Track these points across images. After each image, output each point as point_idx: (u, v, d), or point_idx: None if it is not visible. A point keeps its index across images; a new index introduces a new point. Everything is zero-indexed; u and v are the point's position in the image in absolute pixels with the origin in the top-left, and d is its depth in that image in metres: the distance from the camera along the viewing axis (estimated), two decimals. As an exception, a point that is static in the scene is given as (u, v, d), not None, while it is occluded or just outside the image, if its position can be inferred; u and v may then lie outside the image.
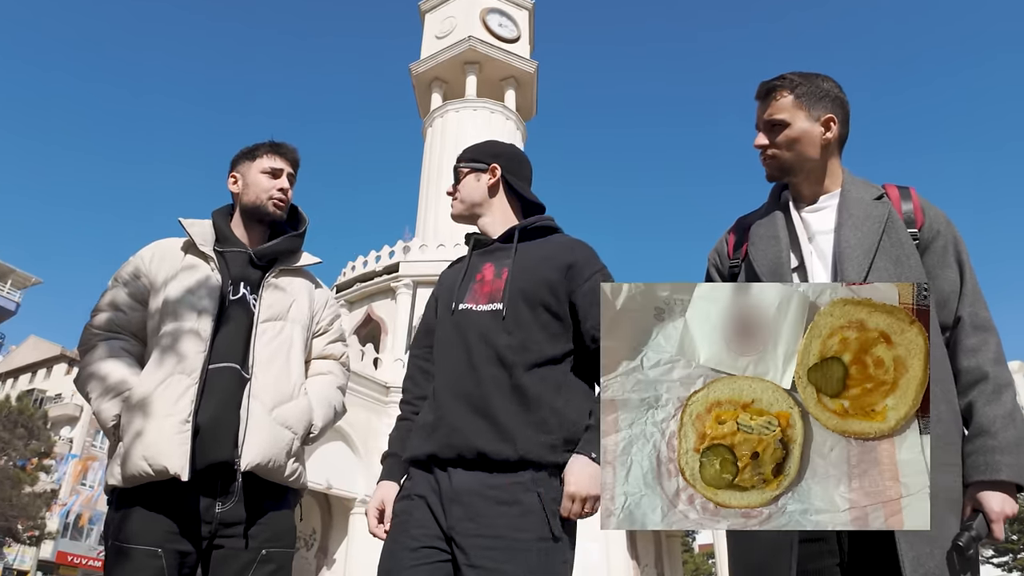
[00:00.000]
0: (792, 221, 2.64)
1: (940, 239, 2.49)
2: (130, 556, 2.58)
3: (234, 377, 2.83)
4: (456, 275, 2.82)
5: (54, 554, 50.27)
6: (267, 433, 2.77)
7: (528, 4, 36.40)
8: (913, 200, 2.54)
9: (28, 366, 63.68)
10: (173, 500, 2.64)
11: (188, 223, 3.09)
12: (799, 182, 2.67)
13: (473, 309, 2.65)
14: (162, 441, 2.61)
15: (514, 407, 2.47)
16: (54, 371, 61.58)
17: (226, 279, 2.98)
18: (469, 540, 2.32)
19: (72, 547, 51.68)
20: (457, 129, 31.04)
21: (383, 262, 27.60)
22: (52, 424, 50.13)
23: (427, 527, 2.40)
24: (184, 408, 2.68)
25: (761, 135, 2.65)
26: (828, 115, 2.58)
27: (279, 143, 3.26)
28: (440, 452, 2.46)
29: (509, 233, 2.80)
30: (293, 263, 3.20)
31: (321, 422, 3.00)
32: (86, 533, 52.01)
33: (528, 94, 34.74)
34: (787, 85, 2.60)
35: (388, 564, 2.41)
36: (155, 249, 3.11)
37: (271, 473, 2.78)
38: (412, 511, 2.46)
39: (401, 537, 2.43)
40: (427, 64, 33.89)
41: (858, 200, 2.53)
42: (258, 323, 2.95)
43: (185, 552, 2.63)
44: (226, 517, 2.69)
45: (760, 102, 2.66)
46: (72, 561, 51.38)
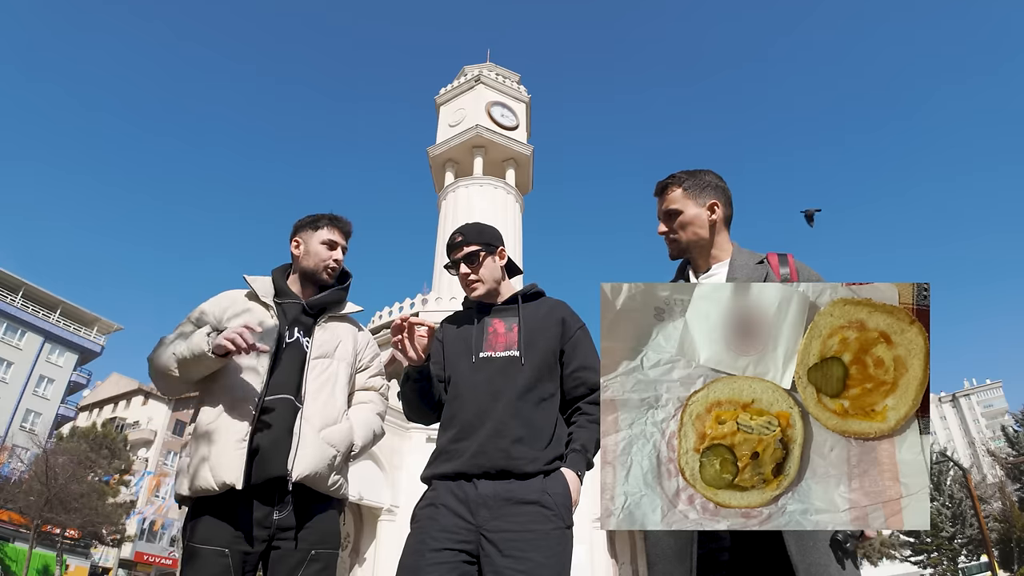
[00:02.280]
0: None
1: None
2: (201, 555, 2.63)
3: (289, 406, 2.87)
4: (464, 329, 2.90)
5: (132, 554, 50.82)
6: (314, 449, 2.81)
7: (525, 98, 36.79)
8: (790, 264, 2.56)
9: (111, 398, 63.90)
10: (238, 509, 2.69)
11: (251, 279, 3.18)
12: (695, 256, 2.72)
13: (493, 356, 2.74)
14: (222, 458, 2.68)
15: (526, 433, 2.57)
16: (132, 402, 61.73)
17: (283, 324, 3.04)
18: (499, 535, 2.37)
19: (147, 548, 52.17)
20: (467, 202, 31.15)
21: (405, 312, 27.38)
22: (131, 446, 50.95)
23: (451, 531, 2.42)
24: (241, 430, 2.74)
25: (662, 224, 2.76)
26: (712, 200, 2.69)
27: (338, 217, 3.31)
28: (468, 470, 2.52)
29: (512, 297, 2.93)
30: (340, 311, 3.26)
31: (361, 442, 3.05)
32: (159, 536, 52.44)
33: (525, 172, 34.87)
34: (676, 182, 2.74)
35: (412, 559, 2.40)
36: (223, 297, 3.15)
37: (317, 483, 2.81)
38: (438, 517, 2.47)
39: (426, 538, 2.43)
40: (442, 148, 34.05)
41: (742, 266, 2.59)
42: (310, 360, 3.00)
43: (247, 552, 2.66)
44: (282, 523, 2.73)
45: (658, 197, 2.80)
46: (147, 560, 51.93)
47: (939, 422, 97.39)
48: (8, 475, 37.45)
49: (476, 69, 37.05)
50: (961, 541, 42.79)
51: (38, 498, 33.32)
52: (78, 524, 36.49)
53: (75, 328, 55.39)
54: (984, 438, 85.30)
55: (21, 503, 34.77)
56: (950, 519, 43.22)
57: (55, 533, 38.33)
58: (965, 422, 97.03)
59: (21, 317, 51.06)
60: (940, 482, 44.63)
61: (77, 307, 56.42)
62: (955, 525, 42.87)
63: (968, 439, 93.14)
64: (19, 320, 50.90)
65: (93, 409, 63.58)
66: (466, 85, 35.86)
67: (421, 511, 2.57)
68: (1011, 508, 40.52)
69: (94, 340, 56.38)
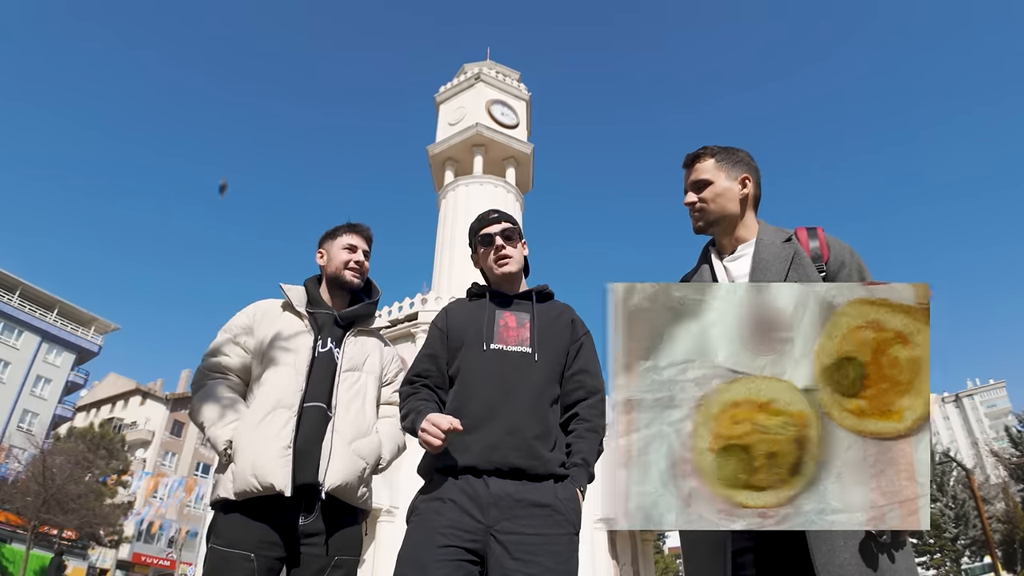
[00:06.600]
0: (715, 270, 2.65)
1: (845, 268, 2.45)
2: (228, 559, 2.67)
3: (321, 415, 2.93)
4: (473, 318, 2.85)
5: (130, 555, 50.96)
6: (346, 461, 2.87)
7: (525, 96, 36.70)
8: (819, 238, 2.52)
9: (108, 398, 63.96)
10: (267, 514, 2.73)
11: (287, 288, 3.24)
12: (721, 233, 2.68)
13: (504, 349, 2.71)
14: (270, 463, 2.73)
15: (541, 431, 2.55)
16: (130, 402, 61.76)
17: (316, 334, 3.11)
18: (509, 537, 2.36)
19: (145, 549, 52.24)
20: (467, 201, 31.05)
21: (404, 311, 27.38)
22: (128, 447, 51.02)
23: (459, 528, 2.39)
24: (286, 436, 2.80)
25: (690, 193, 2.70)
26: (744, 174, 2.66)
27: (356, 224, 3.43)
28: (479, 464, 2.48)
29: (525, 293, 2.93)
30: (369, 325, 3.35)
31: (389, 455, 3.10)
32: (156, 538, 52.05)
33: (525, 171, 34.81)
34: (708, 152, 2.70)
35: (418, 552, 2.37)
36: (259, 306, 3.25)
37: (346, 494, 2.87)
38: (444, 512, 2.43)
39: (432, 533, 2.40)
40: (441, 146, 33.96)
41: (769, 245, 2.53)
42: (340, 372, 3.08)
43: (274, 557, 2.70)
44: (308, 529, 2.77)
45: (687, 168, 2.74)
46: (145, 561, 52.07)
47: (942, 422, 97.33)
48: (5, 476, 37.49)
49: (476, 67, 36.94)
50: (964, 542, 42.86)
51: (35, 499, 33.25)
52: (75, 525, 36.50)
53: (72, 328, 55.49)
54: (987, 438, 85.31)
55: (18, 504, 34.78)
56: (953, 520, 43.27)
57: (52, 534, 38.33)
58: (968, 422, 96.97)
59: (18, 317, 51.13)
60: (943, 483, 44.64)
61: (75, 307, 56.55)
62: (958, 526, 42.94)
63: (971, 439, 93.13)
64: (16, 320, 50.97)
65: (90, 409, 63.78)
66: (466, 83, 35.81)
67: (424, 504, 2.53)
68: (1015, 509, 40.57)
69: (92, 340, 56.46)
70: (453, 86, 36.47)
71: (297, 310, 3.16)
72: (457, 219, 30.27)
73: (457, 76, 37.58)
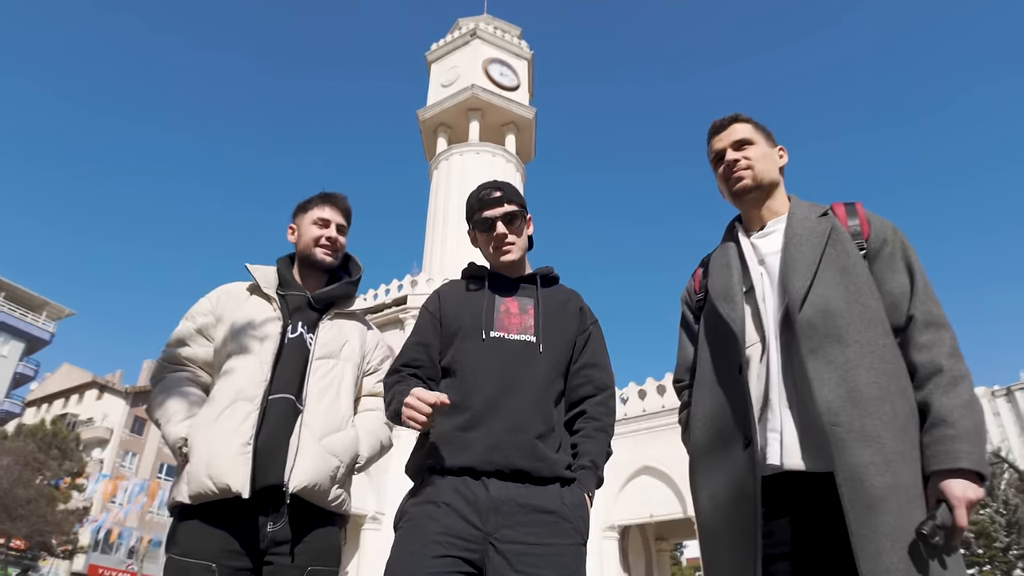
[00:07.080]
0: (742, 248, 2.66)
1: (887, 247, 2.47)
2: (187, 570, 2.62)
3: (289, 407, 2.88)
4: (470, 303, 2.82)
5: (86, 566, 50.59)
6: (315, 460, 2.81)
7: (527, 55, 36.62)
8: (859, 214, 2.54)
9: (61, 392, 63.95)
10: (229, 518, 2.68)
11: (254, 268, 3.21)
12: (754, 203, 2.71)
13: (506, 337, 2.69)
14: (225, 461, 2.68)
15: (546, 430, 2.54)
16: (86, 396, 61.80)
17: (286, 318, 3.07)
18: (511, 546, 2.32)
19: (103, 560, 52.06)
20: (462, 171, 31.03)
21: (392, 295, 27.39)
22: (84, 446, 51.00)
23: (456, 536, 2.35)
24: (246, 432, 2.75)
25: (731, 151, 2.71)
26: (780, 146, 2.77)
27: (330, 194, 3.37)
28: (478, 465, 2.45)
29: (529, 276, 2.90)
30: (347, 307, 3.29)
31: (367, 453, 3.05)
32: (115, 547, 52.21)
33: (527, 138, 34.80)
34: (744, 117, 2.76)
35: (410, 562, 2.33)
36: (223, 291, 3.23)
37: (316, 496, 2.81)
38: (439, 517, 2.39)
39: (425, 540, 2.36)
40: (433, 111, 33.96)
41: (803, 219, 2.55)
42: (313, 360, 3.02)
43: (238, 568, 2.65)
44: (276, 536, 2.71)
45: (720, 133, 2.77)
46: (102, 573, 51.70)
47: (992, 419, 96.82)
48: (-55, 479, 37.47)
49: (472, 22, 36.91)
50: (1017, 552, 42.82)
51: (-21, 504, 33.29)
52: (24, 533, 36.55)
53: (21, 313, 55.22)
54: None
55: (-39, 510, 34.73)
56: (1004, 527, 43.18)
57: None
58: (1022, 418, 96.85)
59: (-41, 301, 51.02)
60: (994, 486, 44.36)
61: (23, 289, 56.39)
62: (1010, 534, 42.83)
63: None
64: (-43, 305, 50.86)
65: (42, 404, 63.94)
66: (460, 40, 35.77)
67: (415, 508, 2.49)
68: (1072, 515, 40.48)
69: (43, 327, 56.26)
70: (446, 43, 36.45)
71: (265, 293, 3.12)
72: (451, 192, 30.25)
73: (451, 32, 37.59)
